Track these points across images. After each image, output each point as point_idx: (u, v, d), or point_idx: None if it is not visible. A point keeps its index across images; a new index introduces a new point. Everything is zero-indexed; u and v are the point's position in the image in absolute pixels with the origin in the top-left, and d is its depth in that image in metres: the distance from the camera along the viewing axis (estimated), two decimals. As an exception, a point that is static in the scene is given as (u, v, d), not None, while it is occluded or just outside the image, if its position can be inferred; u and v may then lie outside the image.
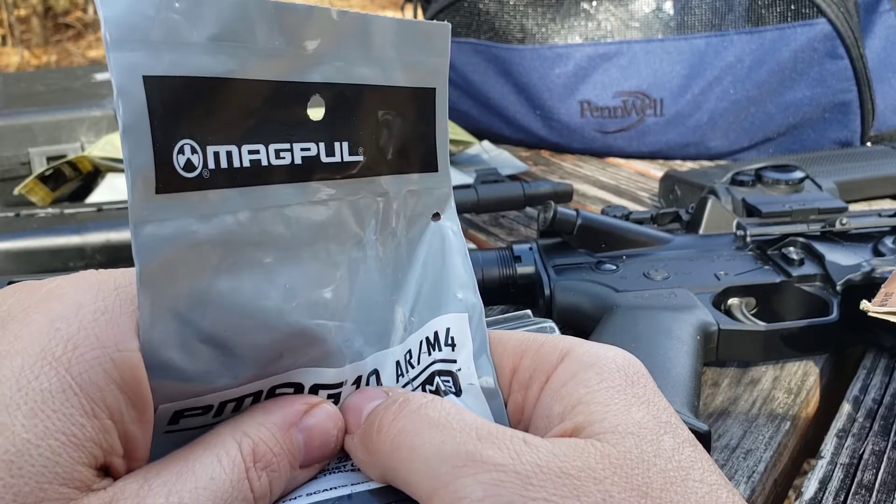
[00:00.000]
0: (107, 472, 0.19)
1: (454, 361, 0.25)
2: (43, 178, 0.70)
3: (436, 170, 0.25)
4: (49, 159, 0.77)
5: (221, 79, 0.19)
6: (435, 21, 0.24)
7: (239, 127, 0.20)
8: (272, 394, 0.22)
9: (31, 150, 0.77)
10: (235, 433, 0.20)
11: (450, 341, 0.25)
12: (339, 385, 0.23)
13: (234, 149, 0.19)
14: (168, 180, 0.18)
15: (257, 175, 0.20)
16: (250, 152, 0.20)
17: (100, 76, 1.02)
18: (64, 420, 0.17)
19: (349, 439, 0.23)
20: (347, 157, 0.22)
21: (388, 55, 0.23)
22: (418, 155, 0.25)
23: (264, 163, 0.20)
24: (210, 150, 0.19)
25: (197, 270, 0.19)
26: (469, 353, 0.25)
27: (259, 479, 0.20)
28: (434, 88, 0.24)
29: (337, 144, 0.22)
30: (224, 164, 0.19)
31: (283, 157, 0.21)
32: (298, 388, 0.23)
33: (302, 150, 0.21)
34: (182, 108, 0.18)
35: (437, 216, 0.26)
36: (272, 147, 0.20)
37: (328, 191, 0.22)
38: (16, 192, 0.69)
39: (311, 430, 0.22)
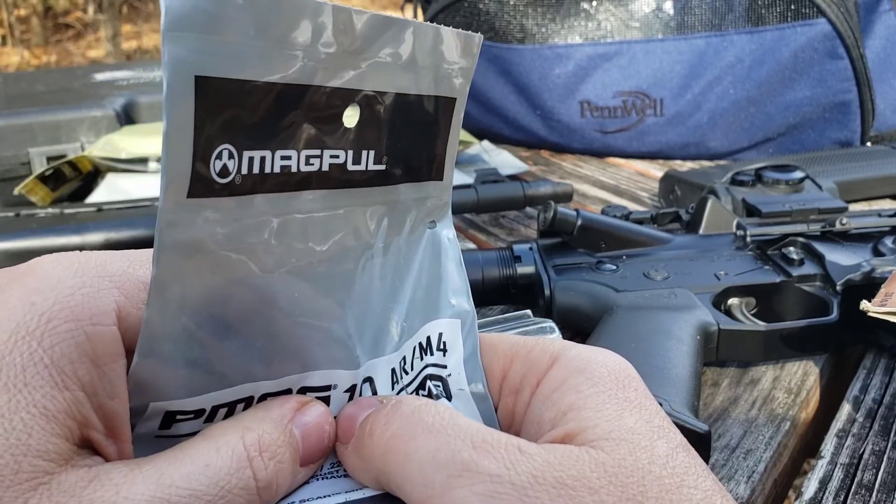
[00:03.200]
0: (93, 450, 0.19)
1: (444, 367, 0.25)
2: (43, 178, 0.70)
3: (441, 179, 0.25)
4: (49, 159, 0.77)
5: (270, 83, 0.18)
6: (469, 32, 0.24)
7: (277, 132, 0.19)
8: (262, 400, 0.22)
9: (31, 150, 0.77)
10: (238, 427, 0.20)
11: (442, 346, 0.25)
12: (328, 388, 0.23)
13: (267, 154, 0.19)
14: (201, 185, 0.18)
15: (285, 182, 0.20)
16: (282, 158, 0.19)
17: (100, 76, 1.02)
18: (34, 393, 0.17)
19: (342, 449, 0.22)
20: (372, 166, 0.22)
21: (425, 63, 0.22)
22: (430, 163, 0.25)
23: (293, 169, 0.20)
24: (246, 155, 0.18)
25: (212, 275, 0.19)
26: (459, 359, 0.24)
27: (266, 469, 0.20)
28: (455, 98, 0.24)
29: (364, 153, 0.22)
30: (256, 170, 0.19)
31: (312, 164, 0.20)
32: (286, 393, 0.22)
33: (331, 157, 0.21)
34: (228, 112, 0.18)
35: (433, 223, 0.26)
36: (304, 153, 0.20)
37: (349, 199, 0.22)
38: (16, 192, 0.69)
39: (306, 426, 0.21)
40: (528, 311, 0.33)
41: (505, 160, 0.89)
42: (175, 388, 0.20)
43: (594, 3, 0.95)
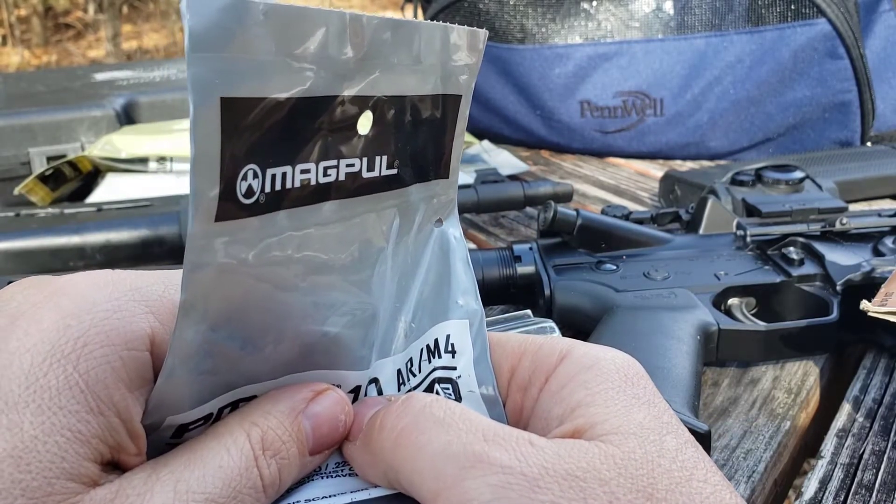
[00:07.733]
0: (119, 469, 0.19)
1: (454, 368, 0.25)
2: (43, 178, 0.70)
3: (447, 177, 0.25)
4: (49, 159, 0.77)
5: (291, 98, 0.18)
6: (474, 28, 0.24)
7: (297, 147, 0.19)
8: None
9: (31, 150, 0.77)
10: (244, 423, 0.20)
11: (450, 348, 0.25)
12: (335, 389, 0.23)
13: (288, 169, 0.19)
14: (228, 208, 0.18)
15: (304, 195, 0.20)
16: (302, 171, 0.19)
17: (100, 76, 1.02)
18: (69, 416, 0.18)
19: (349, 447, 0.22)
20: (385, 171, 0.22)
21: (433, 62, 0.22)
22: (436, 161, 0.25)
23: (312, 182, 0.20)
24: (269, 172, 0.18)
25: (236, 295, 0.19)
26: (469, 360, 0.24)
27: (269, 467, 0.20)
28: (461, 96, 0.24)
29: (377, 159, 0.22)
30: (278, 187, 0.19)
31: (330, 175, 0.20)
32: None
33: (347, 166, 0.21)
34: (252, 132, 0.18)
35: (439, 222, 0.26)
36: (322, 165, 0.20)
37: (364, 206, 0.22)
38: (16, 192, 0.69)
39: (317, 416, 0.22)
40: (529, 311, 0.33)
41: (505, 160, 0.89)
42: (188, 401, 0.20)
43: (594, 3, 0.95)
